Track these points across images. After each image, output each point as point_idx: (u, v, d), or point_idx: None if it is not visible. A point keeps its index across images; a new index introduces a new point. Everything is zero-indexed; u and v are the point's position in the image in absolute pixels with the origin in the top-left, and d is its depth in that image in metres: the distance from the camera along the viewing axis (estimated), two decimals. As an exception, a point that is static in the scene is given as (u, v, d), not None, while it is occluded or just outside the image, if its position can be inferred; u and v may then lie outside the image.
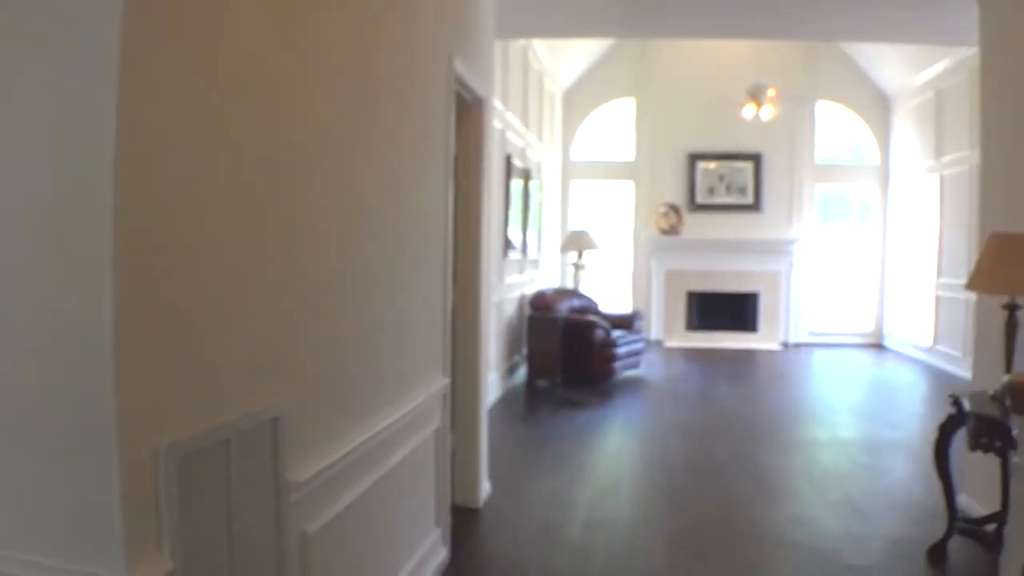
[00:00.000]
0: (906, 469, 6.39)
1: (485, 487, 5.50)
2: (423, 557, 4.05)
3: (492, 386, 8.35)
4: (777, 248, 13.71)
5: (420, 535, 4.07)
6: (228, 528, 2.15)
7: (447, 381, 4.38)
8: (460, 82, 4.59)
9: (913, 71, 12.38)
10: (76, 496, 1.73)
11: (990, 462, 4.44)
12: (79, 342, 1.70)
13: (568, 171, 14.03)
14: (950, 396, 4.52)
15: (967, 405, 4.26)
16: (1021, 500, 2.07)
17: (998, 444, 4.04)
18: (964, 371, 10.35)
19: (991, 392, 4.36)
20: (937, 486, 4.68)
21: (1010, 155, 5.11)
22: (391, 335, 3.49)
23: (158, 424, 1.84)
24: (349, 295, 2.99)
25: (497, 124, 8.24)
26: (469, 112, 5.16)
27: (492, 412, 7.90)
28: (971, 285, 4.39)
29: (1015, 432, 2.06)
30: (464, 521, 5.03)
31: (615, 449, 6.95)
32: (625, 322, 10.39)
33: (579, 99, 14.03)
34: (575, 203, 14.24)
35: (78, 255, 1.69)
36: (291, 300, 2.50)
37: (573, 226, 13.35)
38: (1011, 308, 4.29)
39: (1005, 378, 2.06)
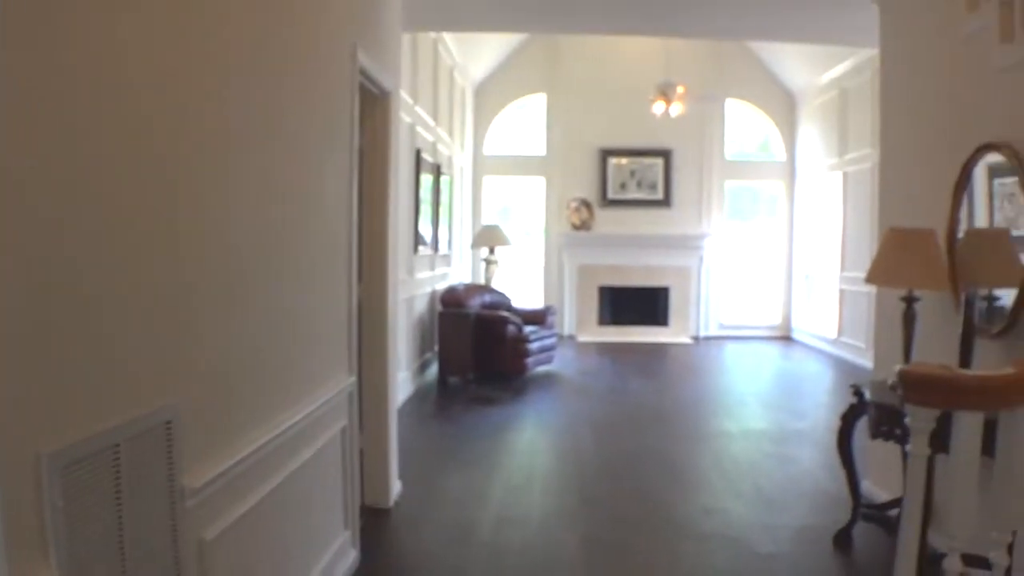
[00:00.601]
0: (812, 458, 6.49)
1: (396, 486, 5.43)
2: (332, 560, 3.96)
3: (403, 384, 8.26)
4: (687, 243, 13.87)
5: (328, 537, 3.99)
6: (120, 536, 2.05)
7: (353, 380, 4.29)
8: (365, 74, 4.50)
9: (818, 70, 12.63)
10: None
11: (891, 449, 4.53)
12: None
13: (480, 166, 13.99)
14: (852, 386, 4.61)
15: (868, 395, 4.34)
16: (914, 487, 2.09)
17: (897, 432, 4.11)
18: (868, 362, 10.55)
19: (890, 382, 4.43)
20: (842, 474, 4.76)
21: (906, 153, 5.23)
22: (292, 333, 3.39)
23: (39, 431, 1.73)
24: (246, 292, 2.89)
25: (406, 118, 8.16)
26: (375, 105, 5.07)
27: (403, 410, 7.82)
28: (870, 279, 4.46)
29: (907, 420, 2.08)
30: (374, 522, 4.97)
31: (528, 445, 6.93)
32: (537, 317, 10.39)
33: (491, 94, 13.99)
34: (488, 199, 14.20)
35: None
36: (182, 299, 2.39)
37: (485, 222, 13.30)
38: (908, 300, 4.37)
39: (897, 367, 2.07)
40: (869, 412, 4.27)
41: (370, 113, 5.06)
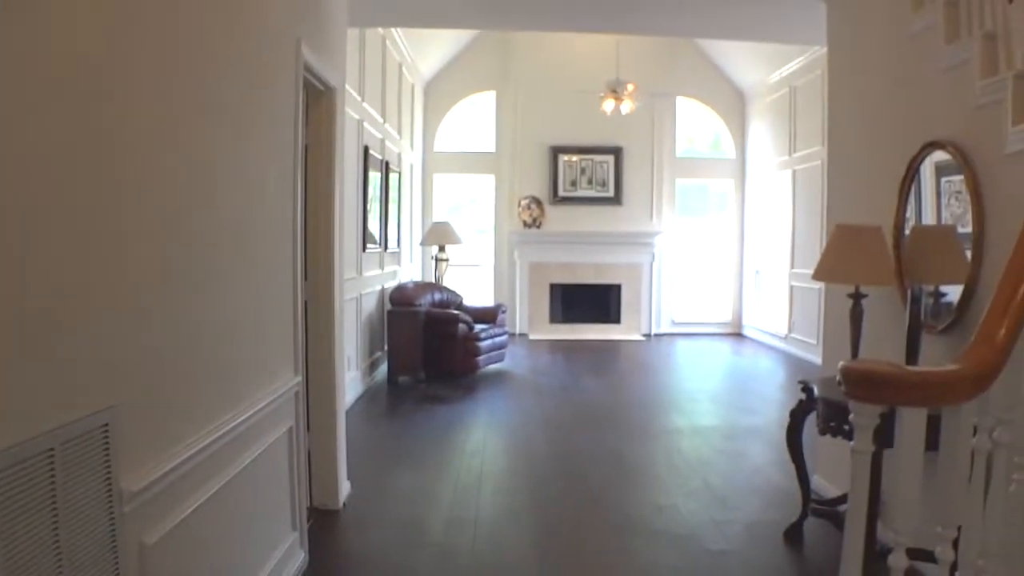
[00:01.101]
0: (763, 454, 6.53)
1: (345, 487, 5.36)
2: (279, 562, 3.90)
3: (352, 383, 8.19)
4: (639, 240, 13.91)
5: (275, 539, 3.92)
6: (57, 543, 1.99)
7: (299, 379, 4.23)
8: (309, 70, 4.43)
9: (768, 69, 12.74)
10: None
11: (840, 445, 4.53)
12: None
13: (430, 164, 13.92)
14: (800, 382, 4.63)
15: (816, 391, 4.36)
16: (859, 484, 2.09)
17: (846, 428, 4.13)
18: (818, 358, 10.65)
19: (838, 377, 4.46)
20: (791, 470, 4.78)
21: (854, 151, 5.28)
22: (236, 332, 3.33)
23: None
24: (188, 290, 2.82)
25: (353, 115, 8.09)
26: (320, 101, 5.00)
27: (353, 410, 7.77)
28: (817, 275, 4.48)
29: (851, 417, 2.08)
30: (323, 523, 4.91)
31: (478, 444, 6.88)
32: (488, 315, 10.35)
33: (441, 91, 13.92)
34: (439, 196, 14.14)
35: None
36: (120, 297, 2.32)
37: (436, 219, 13.23)
38: (855, 297, 4.39)
39: (840, 365, 2.07)
40: (818, 408, 4.29)
41: (315, 109, 5.00)
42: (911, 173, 4.40)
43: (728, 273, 14.56)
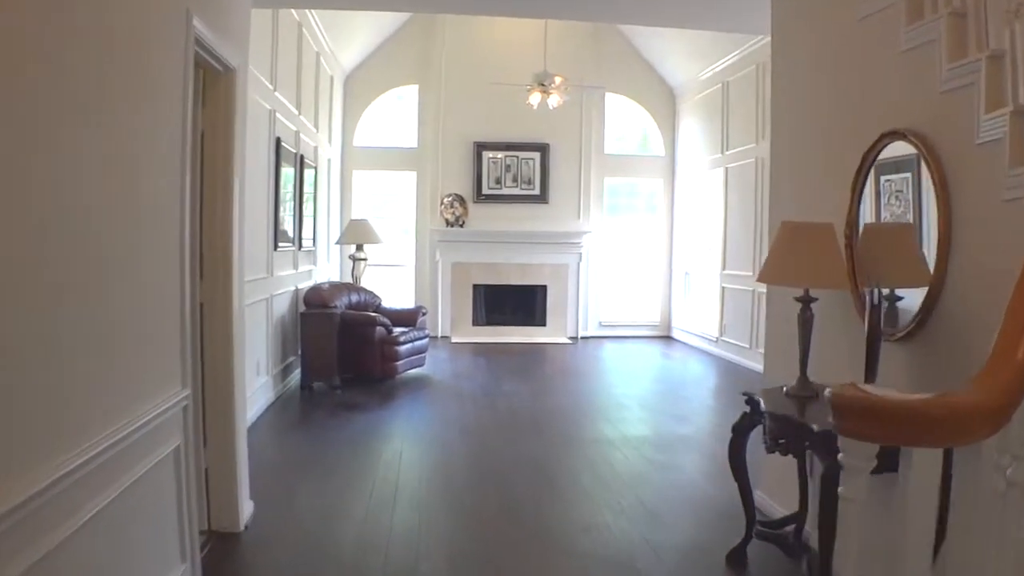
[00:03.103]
0: (699, 467, 6.18)
1: (247, 507, 4.86)
2: (165, 599, 3.42)
3: (263, 390, 7.66)
4: (565, 240, 13.55)
5: (161, 572, 3.44)
6: None
7: (188, 393, 3.72)
8: (203, 45, 3.93)
9: (700, 65, 12.49)
10: None
11: (786, 460, 4.18)
12: None
13: (350, 160, 13.37)
14: (744, 395, 4.24)
15: (763, 404, 3.97)
16: (850, 536, 1.68)
17: (796, 446, 3.78)
18: (752, 362, 10.45)
19: (786, 389, 4.10)
20: (732, 485, 4.41)
21: (799, 145, 4.94)
22: (107, 342, 2.83)
23: None
24: (43, 291, 2.35)
25: (265, 104, 7.58)
26: (218, 83, 4.49)
27: (262, 419, 7.25)
28: (763, 277, 4.12)
29: (841, 457, 1.66)
30: (222, 548, 4.44)
31: (394, 455, 6.39)
32: (408, 318, 9.87)
33: (361, 84, 13.39)
34: (359, 193, 13.60)
35: None
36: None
37: (354, 217, 12.69)
38: (805, 301, 4.04)
39: (827, 392, 1.65)
40: (765, 423, 3.91)
41: (212, 91, 4.49)
42: (866, 166, 4.05)
43: (657, 274, 14.29)
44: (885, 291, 3.96)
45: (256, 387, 7.38)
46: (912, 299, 3.73)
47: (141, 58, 3.17)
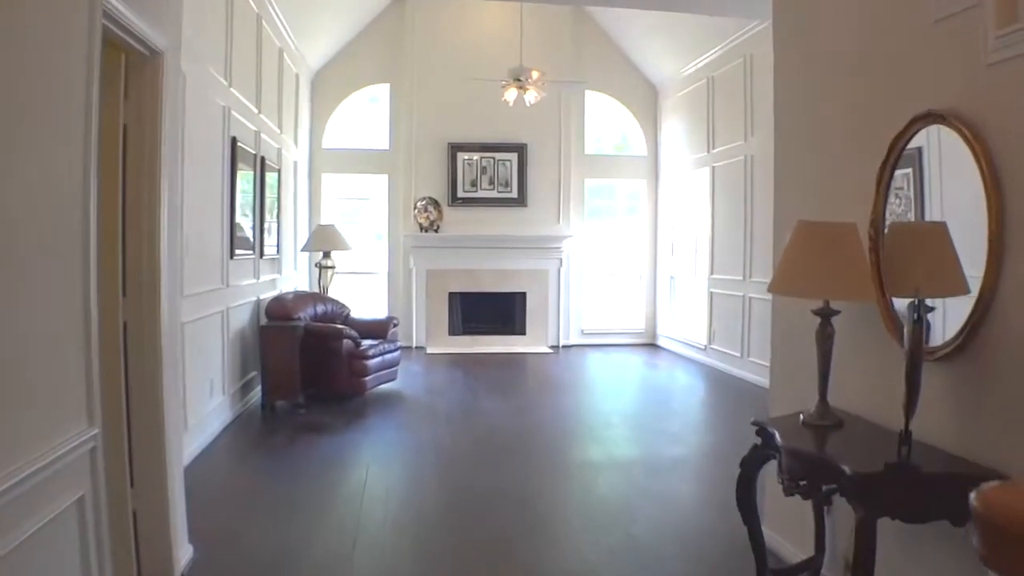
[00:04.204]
0: (696, 494, 5.61)
1: (184, 552, 4.27)
2: None
3: (217, 413, 7.04)
4: (545, 245, 12.96)
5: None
6: None
7: (96, 432, 3.09)
8: (117, 22, 3.33)
9: (683, 60, 11.97)
10: None
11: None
12: None
13: (319, 163, 12.75)
14: (754, 424, 3.66)
15: (779, 438, 3.38)
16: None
17: (820, 490, 3.21)
18: (743, 371, 9.93)
19: (803, 417, 3.53)
20: (733, 514, 3.82)
21: (809, 134, 4.36)
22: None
23: None
24: None
25: (219, 101, 6.98)
26: (142, 69, 3.88)
27: (217, 444, 6.65)
28: (776, 288, 3.55)
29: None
30: (150, 606, 3.82)
31: (359, 485, 5.77)
32: (378, 329, 9.25)
33: (330, 84, 12.77)
34: (328, 198, 12.98)
35: None
36: None
37: (322, 222, 12.07)
38: (825, 315, 3.47)
39: (972, 497, 1.05)
40: (781, 461, 3.31)
41: (136, 78, 3.89)
42: (893, 156, 3.48)
43: (641, 279, 13.72)
44: (913, 301, 3.42)
45: (209, 409, 6.76)
46: (949, 311, 3.18)
47: (43, 42, 2.57)
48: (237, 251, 7.64)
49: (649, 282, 13.67)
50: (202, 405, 6.55)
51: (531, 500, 5.47)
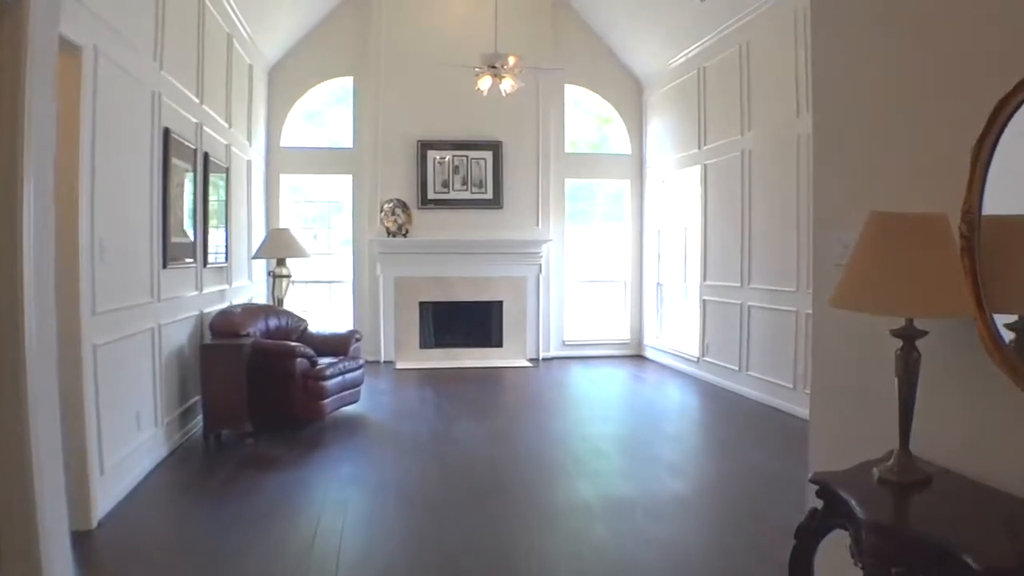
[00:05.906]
0: (710, 543, 4.70)
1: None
2: None
3: (147, 448, 6.06)
4: (523, 250, 12.04)
5: None
6: None
7: None
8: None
9: (671, 51, 11.10)
10: None
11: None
12: None
13: (276, 162, 11.78)
14: (814, 482, 2.75)
15: (856, 507, 2.46)
16: None
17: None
18: (741, 386, 9.08)
19: (878, 472, 2.63)
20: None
21: (863, 104, 3.43)
22: None
23: None
24: None
25: (146, 83, 6.05)
26: (-3, 17, 2.96)
27: (145, 486, 5.69)
28: (839, 301, 2.66)
29: None
30: None
31: (307, 538, 4.80)
32: (339, 345, 8.30)
33: (288, 77, 11.80)
34: (287, 201, 12.01)
35: None
36: None
37: (279, 226, 11.09)
38: (909, 337, 2.58)
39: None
40: (863, 538, 2.39)
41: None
42: (995, 128, 2.58)
43: (626, 286, 12.83)
44: (1013, 318, 2.55)
45: (135, 446, 5.78)
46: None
47: None
48: (173, 259, 6.67)
49: (635, 289, 12.78)
50: (124, 443, 5.57)
51: (513, 554, 4.54)
